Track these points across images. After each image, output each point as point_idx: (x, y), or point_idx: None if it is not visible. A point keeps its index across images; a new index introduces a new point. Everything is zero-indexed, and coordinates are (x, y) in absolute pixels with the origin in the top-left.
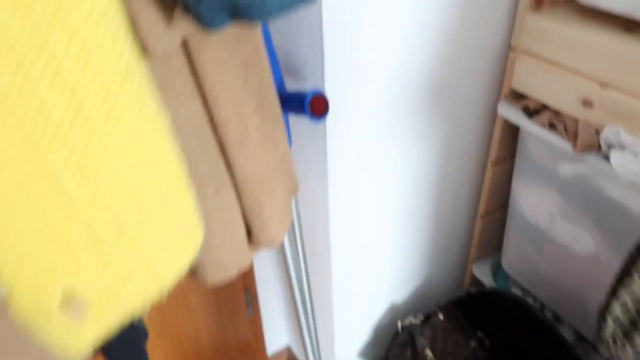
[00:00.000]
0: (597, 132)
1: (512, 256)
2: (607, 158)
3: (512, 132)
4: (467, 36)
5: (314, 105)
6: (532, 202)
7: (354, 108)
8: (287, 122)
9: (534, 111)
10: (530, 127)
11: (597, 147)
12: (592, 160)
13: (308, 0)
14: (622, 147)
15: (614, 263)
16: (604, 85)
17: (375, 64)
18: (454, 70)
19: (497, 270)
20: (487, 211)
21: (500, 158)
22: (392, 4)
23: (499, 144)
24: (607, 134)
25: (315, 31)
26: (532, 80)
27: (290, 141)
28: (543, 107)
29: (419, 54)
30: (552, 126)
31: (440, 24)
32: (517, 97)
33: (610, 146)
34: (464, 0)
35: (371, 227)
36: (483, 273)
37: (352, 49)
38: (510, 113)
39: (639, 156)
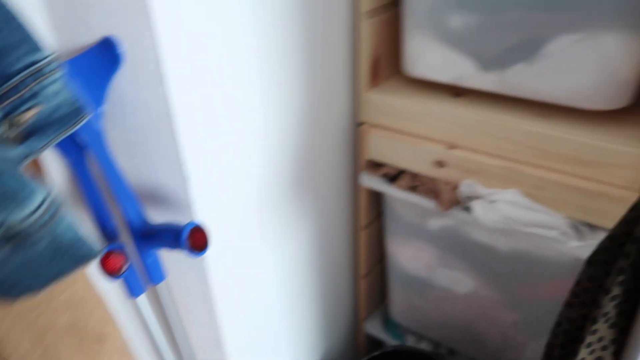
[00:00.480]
0: (456, 188)
1: (399, 306)
2: (468, 209)
3: (378, 196)
4: (318, 119)
5: (193, 240)
6: (408, 256)
7: (228, 220)
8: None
9: (393, 177)
10: (393, 192)
11: (458, 202)
12: (457, 214)
13: (81, 261)
14: (479, 198)
15: (492, 296)
16: (451, 146)
17: (242, 170)
18: (313, 153)
19: (387, 322)
20: (367, 271)
21: (369, 221)
22: (245, 108)
23: (367, 210)
24: (464, 189)
25: (174, 159)
26: (385, 149)
27: (162, 275)
28: (402, 172)
29: (280, 147)
30: (414, 188)
31: (292, 115)
32: (376, 165)
33: (469, 199)
34: (308, 86)
35: (261, 319)
36: (375, 329)
37: (216, 163)
38: (372, 182)
39: (495, 204)
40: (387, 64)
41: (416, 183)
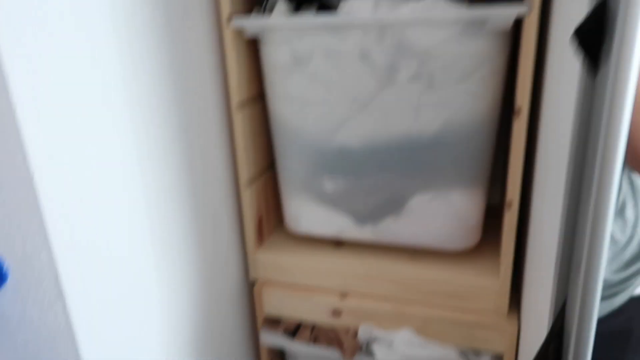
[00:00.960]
0: (355, 335)
1: None
2: (370, 353)
3: (280, 352)
4: (213, 283)
5: None
6: None
7: None
8: None
9: (294, 330)
10: (297, 347)
11: (360, 349)
12: (360, 359)
13: None
14: (377, 340)
15: None
16: (343, 295)
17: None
18: (210, 318)
19: None
20: None
21: None
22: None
23: None
24: (362, 334)
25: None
26: (281, 304)
27: None
28: (300, 324)
29: (177, 320)
30: (315, 339)
31: (186, 282)
32: (275, 321)
33: (368, 343)
34: (200, 243)
35: None
36: None
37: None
38: (273, 339)
39: (394, 345)
40: (270, 221)
41: (317, 334)
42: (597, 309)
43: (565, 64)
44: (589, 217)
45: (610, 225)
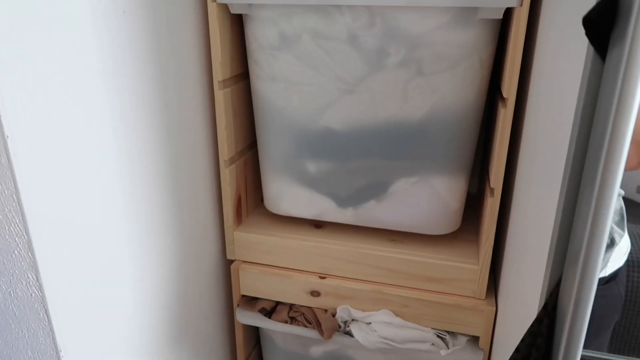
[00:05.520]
0: (333, 315)
1: None
2: (347, 333)
3: (255, 329)
4: (190, 255)
5: None
6: None
7: None
8: None
9: (271, 310)
10: (273, 326)
11: (338, 328)
12: (338, 339)
13: None
14: (355, 321)
15: None
16: (322, 276)
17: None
18: (187, 296)
19: None
20: None
21: (247, 355)
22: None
23: (245, 345)
24: (341, 314)
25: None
26: (259, 284)
27: None
28: (278, 303)
29: (154, 299)
30: (293, 320)
31: (165, 260)
32: (252, 299)
33: (346, 323)
34: (178, 219)
35: None
36: None
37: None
38: (249, 318)
39: (372, 326)
40: (250, 201)
41: (294, 314)
42: (594, 289)
43: (564, 52)
44: (592, 204)
45: (612, 209)
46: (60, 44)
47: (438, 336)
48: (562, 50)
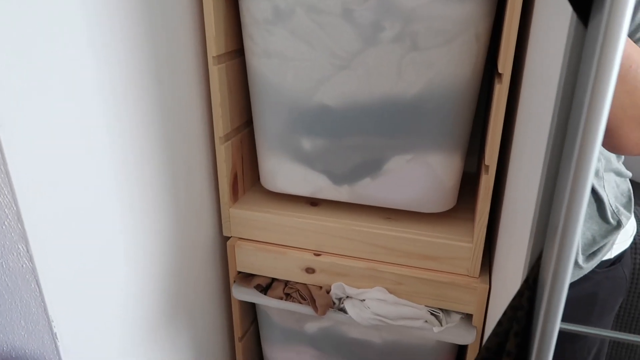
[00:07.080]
0: (328, 292)
1: None
2: (341, 310)
3: (252, 305)
4: (188, 237)
5: None
6: (287, 358)
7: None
8: None
9: (266, 287)
10: (268, 302)
11: (333, 304)
12: (332, 316)
13: None
14: (350, 298)
15: None
16: (317, 253)
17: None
18: (183, 271)
19: None
20: None
21: (244, 331)
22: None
23: (241, 321)
24: (335, 291)
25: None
26: (254, 261)
27: None
28: (274, 280)
29: (150, 270)
30: (288, 296)
31: (161, 235)
32: (248, 276)
33: (341, 300)
34: (174, 196)
35: None
36: None
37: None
38: (245, 294)
39: (366, 303)
40: (246, 178)
41: (289, 291)
42: (573, 259)
43: (553, 25)
44: (570, 175)
45: (590, 181)
46: (48, 21)
47: (431, 313)
48: (553, 23)
